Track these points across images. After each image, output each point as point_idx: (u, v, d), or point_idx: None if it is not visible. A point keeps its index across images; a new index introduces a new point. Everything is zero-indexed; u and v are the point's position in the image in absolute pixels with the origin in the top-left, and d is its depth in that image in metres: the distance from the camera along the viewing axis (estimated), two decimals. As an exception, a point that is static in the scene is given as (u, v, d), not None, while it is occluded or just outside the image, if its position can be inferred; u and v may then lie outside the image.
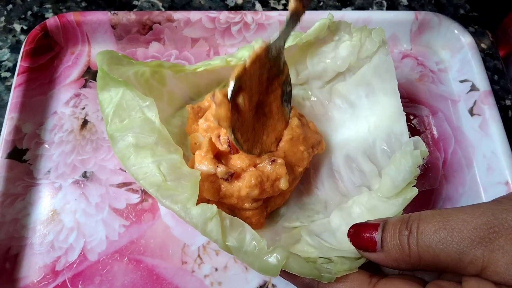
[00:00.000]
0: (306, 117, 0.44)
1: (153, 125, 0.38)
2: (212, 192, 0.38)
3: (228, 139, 0.39)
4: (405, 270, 0.32)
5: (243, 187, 0.37)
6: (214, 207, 0.33)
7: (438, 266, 0.29)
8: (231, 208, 0.40)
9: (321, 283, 0.33)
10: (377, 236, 0.31)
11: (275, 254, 0.32)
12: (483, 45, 0.58)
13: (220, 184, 0.38)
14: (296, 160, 0.41)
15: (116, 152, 0.37)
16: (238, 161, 0.39)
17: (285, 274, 0.34)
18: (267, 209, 0.41)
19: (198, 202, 0.34)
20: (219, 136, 0.40)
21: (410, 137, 0.39)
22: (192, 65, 0.41)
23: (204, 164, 0.38)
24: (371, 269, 0.34)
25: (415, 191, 0.36)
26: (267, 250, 0.32)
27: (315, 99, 0.48)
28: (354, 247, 0.33)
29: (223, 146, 0.39)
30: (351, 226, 0.33)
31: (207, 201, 0.38)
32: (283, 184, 0.38)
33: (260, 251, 0.32)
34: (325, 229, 0.38)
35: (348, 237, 0.33)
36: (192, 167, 0.38)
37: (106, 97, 0.38)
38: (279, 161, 0.39)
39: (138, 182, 0.35)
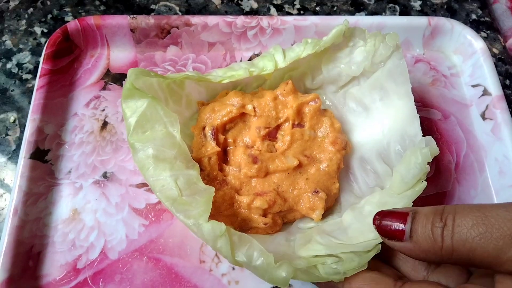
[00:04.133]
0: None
1: (174, 139, 0.39)
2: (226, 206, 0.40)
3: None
4: (432, 262, 0.32)
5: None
6: (223, 225, 0.34)
7: (472, 261, 0.28)
8: (242, 226, 0.41)
9: (346, 283, 0.33)
10: (406, 225, 0.31)
11: (283, 268, 0.33)
12: (495, 50, 0.58)
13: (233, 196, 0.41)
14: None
15: (136, 161, 0.38)
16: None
17: None
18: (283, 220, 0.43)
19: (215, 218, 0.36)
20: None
21: None
22: (218, 77, 0.42)
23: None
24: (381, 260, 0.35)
25: (423, 184, 0.37)
26: (274, 265, 0.34)
27: (330, 103, 0.49)
28: (365, 240, 0.34)
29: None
30: (377, 213, 0.33)
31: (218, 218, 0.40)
32: (316, 216, 0.40)
33: (268, 265, 0.34)
34: (337, 228, 0.39)
35: (373, 223, 0.33)
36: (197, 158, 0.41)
37: (130, 105, 0.39)
38: (321, 194, 0.41)
39: (155, 193, 0.37)
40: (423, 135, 0.40)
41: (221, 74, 0.43)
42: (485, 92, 0.51)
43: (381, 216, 0.32)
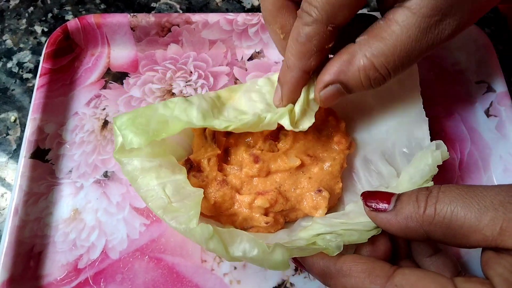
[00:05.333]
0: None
1: (157, 148, 0.39)
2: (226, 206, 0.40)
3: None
4: (411, 235, 0.32)
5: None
6: (209, 227, 0.34)
7: (451, 228, 0.29)
8: (243, 225, 0.41)
9: (339, 263, 0.32)
10: (393, 197, 0.32)
11: (277, 252, 0.33)
12: (499, 46, 0.58)
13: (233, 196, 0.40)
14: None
15: (125, 174, 0.38)
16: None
17: (298, 262, 0.35)
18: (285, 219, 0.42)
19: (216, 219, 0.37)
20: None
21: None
22: (223, 123, 0.38)
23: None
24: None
25: (430, 183, 0.37)
26: (268, 251, 0.33)
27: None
28: (366, 221, 0.34)
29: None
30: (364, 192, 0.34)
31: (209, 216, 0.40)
32: (319, 215, 0.40)
33: (263, 253, 0.34)
34: (339, 215, 0.39)
35: (360, 195, 0.34)
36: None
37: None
38: (324, 193, 0.40)
39: (147, 205, 0.37)
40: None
41: (229, 115, 0.41)
42: (490, 89, 0.50)
43: (368, 192, 0.34)
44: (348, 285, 0.31)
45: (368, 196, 0.33)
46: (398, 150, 0.43)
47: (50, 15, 0.59)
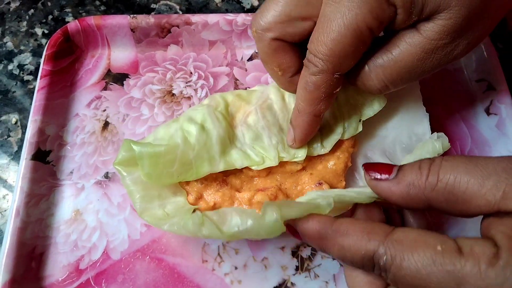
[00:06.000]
0: None
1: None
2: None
3: None
4: (413, 203, 0.31)
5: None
6: (198, 213, 0.35)
7: (454, 194, 0.29)
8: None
9: (335, 224, 0.31)
10: (394, 167, 0.32)
11: (268, 212, 0.33)
12: (499, 45, 0.58)
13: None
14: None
15: (124, 185, 0.39)
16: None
17: (292, 230, 0.34)
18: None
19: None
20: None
21: None
22: (244, 161, 0.39)
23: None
24: None
25: None
26: (260, 215, 0.34)
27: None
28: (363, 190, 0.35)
29: None
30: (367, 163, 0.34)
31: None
32: None
33: (256, 220, 0.34)
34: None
35: (361, 166, 0.34)
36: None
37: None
38: (324, 186, 0.40)
39: (141, 217, 0.38)
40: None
41: (244, 140, 0.41)
42: (490, 87, 0.50)
43: (369, 163, 0.34)
44: (346, 244, 0.30)
45: (370, 167, 0.33)
46: (399, 146, 0.43)
47: (50, 17, 0.59)
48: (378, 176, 0.32)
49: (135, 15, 0.52)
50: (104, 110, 0.50)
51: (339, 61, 0.33)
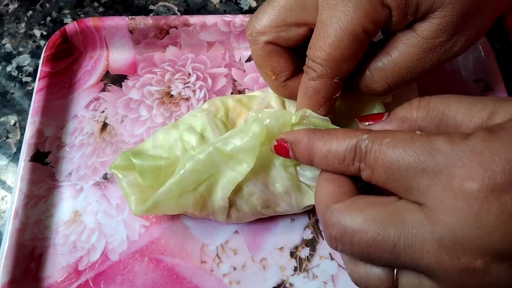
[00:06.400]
0: None
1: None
2: None
3: None
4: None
5: None
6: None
7: (444, 120, 0.29)
8: None
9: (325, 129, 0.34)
10: (386, 113, 0.32)
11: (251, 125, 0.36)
12: (496, 45, 0.58)
13: None
14: None
15: (120, 187, 0.40)
16: None
17: (279, 147, 0.35)
18: None
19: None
20: None
21: None
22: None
23: None
24: None
25: None
26: (244, 128, 0.36)
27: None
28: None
29: None
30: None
31: None
32: None
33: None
34: None
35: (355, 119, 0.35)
36: None
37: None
38: None
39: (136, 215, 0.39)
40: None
41: None
42: (487, 87, 0.50)
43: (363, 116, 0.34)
44: (334, 138, 0.31)
45: (363, 118, 0.34)
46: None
47: (49, 18, 0.59)
48: (372, 123, 0.33)
49: (133, 17, 0.52)
50: (103, 112, 0.50)
51: (337, 65, 0.33)
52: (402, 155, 0.26)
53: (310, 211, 0.44)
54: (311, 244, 0.43)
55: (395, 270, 0.28)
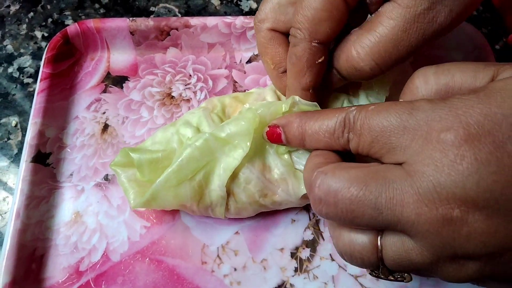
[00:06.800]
0: None
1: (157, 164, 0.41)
2: None
3: None
4: None
5: None
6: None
7: (452, 93, 0.30)
8: None
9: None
10: None
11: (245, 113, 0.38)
12: (496, 46, 0.58)
13: None
14: None
15: (120, 183, 0.41)
16: None
17: (271, 133, 0.37)
18: None
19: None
20: None
21: None
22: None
23: None
24: None
25: None
26: (238, 116, 0.38)
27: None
28: None
29: None
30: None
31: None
32: None
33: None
34: None
35: None
36: None
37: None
38: None
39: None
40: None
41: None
42: (487, 89, 0.50)
43: None
44: (324, 115, 0.32)
45: None
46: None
47: (50, 20, 0.59)
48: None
49: (134, 18, 0.52)
50: (104, 113, 0.50)
51: (314, 27, 0.34)
52: (385, 116, 0.28)
53: (311, 212, 0.45)
54: (312, 245, 0.44)
55: (379, 237, 0.28)
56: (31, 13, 0.60)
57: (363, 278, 0.42)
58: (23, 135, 0.51)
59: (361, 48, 0.34)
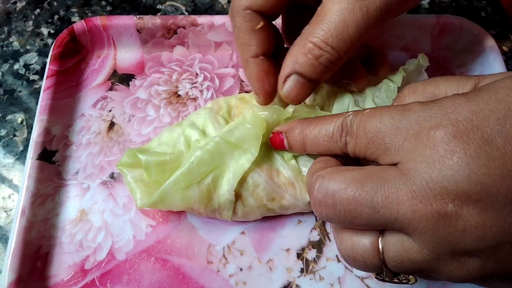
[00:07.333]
0: None
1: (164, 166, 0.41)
2: None
3: None
4: None
5: None
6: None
7: (436, 94, 0.32)
8: None
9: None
10: None
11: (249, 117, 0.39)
12: (504, 48, 0.58)
13: None
14: None
15: (126, 183, 0.41)
16: None
17: (275, 139, 0.39)
18: None
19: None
20: None
21: None
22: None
23: None
24: None
25: None
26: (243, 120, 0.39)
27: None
28: None
29: None
30: None
31: None
32: None
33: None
34: None
35: None
36: None
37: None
38: None
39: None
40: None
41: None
42: (495, 91, 0.50)
43: None
44: (323, 120, 0.34)
45: None
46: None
47: (56, 17, 0.59)
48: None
49: (141, 16, 0.52)
50: (110, 111, 0.50)
51: None
52: (379, 118, 0.29)
53: (317, 213, 0.44)
54: (318, 246, 0.43)
55: (380, 239, 0.29)
56: (38, 10, 0.60)
57: (369, 280, 0.42)
58: (29, 132, 0.51)
59: (315, 38, 0.34)
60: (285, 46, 0.44)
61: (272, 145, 0.38)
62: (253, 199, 0.40)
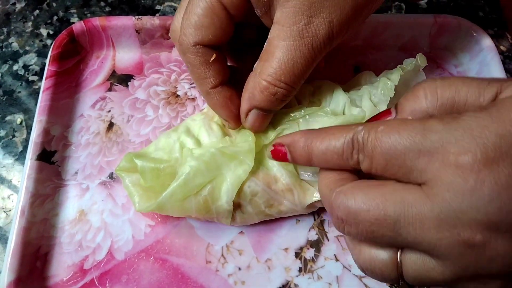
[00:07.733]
0: None
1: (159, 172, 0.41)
2: None
3: None
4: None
5: None
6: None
7: (456, 108, 0.29)
8: None
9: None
10: (391, 108, 0.32)
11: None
12: (502, 48, 0.58)
13: None
14: None
15: (124, 187, 0.41)
16: None
17: (276, 152, 0.36)
18: None
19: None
20: None
21: None
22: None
23: None
24: None
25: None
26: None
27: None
28: None
29: None
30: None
31: None
32: None
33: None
34: None
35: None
36: None
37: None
38: None
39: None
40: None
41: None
42: (493, 90, 0.50)
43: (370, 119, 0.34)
44: (331, 133, 0.32)
45: (372, 119, 0.34)
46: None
47: (55, 18, 0.59)
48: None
49: (140, 17, 0.52)
50: (109, 111, 0.50)
51: (196, 33, 0.35)
52: (397, 139, 0.27)
53: (315, 212, 0.45)
54: (316, 245, 0.44)
55: (399, 253, 0.28)
56: (37, 11, 0.60)
57: (367, 279, 0.42)
58: (28, 133, 0.51)
59: (268, 77, 0.35)
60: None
61: (273, 158, 0.37)
62: (252, 206, 0.40)
